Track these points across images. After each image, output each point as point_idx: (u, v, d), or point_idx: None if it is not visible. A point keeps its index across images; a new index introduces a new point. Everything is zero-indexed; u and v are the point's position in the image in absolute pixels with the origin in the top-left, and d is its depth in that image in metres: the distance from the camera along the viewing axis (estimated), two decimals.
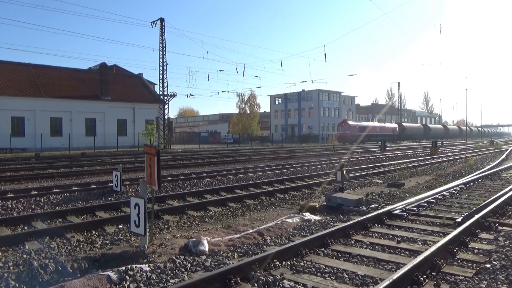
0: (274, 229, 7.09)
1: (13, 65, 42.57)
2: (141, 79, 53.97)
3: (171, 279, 4.68)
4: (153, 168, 6.21)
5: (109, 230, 7.38)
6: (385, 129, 67.18)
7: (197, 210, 9.21)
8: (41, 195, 10.46)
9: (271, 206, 9.84)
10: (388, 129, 68.34)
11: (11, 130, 37.28)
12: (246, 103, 78.00)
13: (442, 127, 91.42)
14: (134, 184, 12.33)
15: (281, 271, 4.81)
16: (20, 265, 5.46)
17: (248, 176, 15.25)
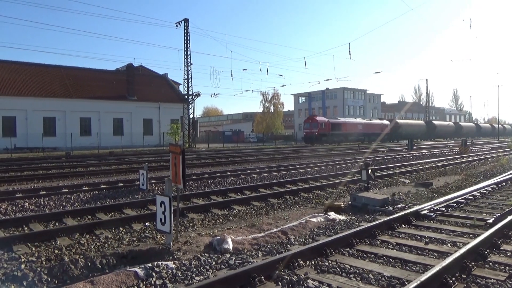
0: (298, 228, 7.06)
1: (45, 68, 44.13)
2: (166, 79, 54.83)
3: (196, 276, 4.73)
4: (178, 167, 6.29)
5: (136, 228, 7.55)
6: (371, 127, 56.33)
7: (221, 208, 9.28)
8: (72, 193, 10.80)
9: (295, 205, 9.80)
10: (375, 126, 57.26)
11: (43, 130, 38.67)
12: (270, 102, 77.89)
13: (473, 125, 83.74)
14: (160, 182, 12.54)
15: (305, 271, 4.78)
16: (52, 260, 5.65)
17: (272, 175, 15.24)
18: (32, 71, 42.43)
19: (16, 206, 9.22)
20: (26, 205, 9.32)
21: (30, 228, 7.58)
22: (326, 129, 48.35)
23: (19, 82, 40.06)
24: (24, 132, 37.91)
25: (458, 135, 69.78)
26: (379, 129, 55.88)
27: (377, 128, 56.38)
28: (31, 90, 39.76)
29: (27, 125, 38.55)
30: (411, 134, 59.57)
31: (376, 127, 56.95)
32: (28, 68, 42.53)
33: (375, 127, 56.52)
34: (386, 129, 56.27)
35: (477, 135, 73.90)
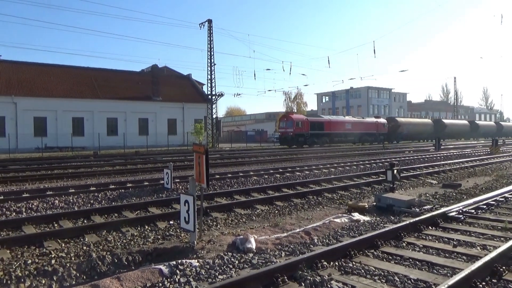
0: (322, 228, 7.00)
1: (74, 69, 45.48)
2: (190, 79, 55.47)
3: (219, 275, 4.77)
4: (202, 166, 6.36)
5: (160, 226, 7.68)
6: (364, 126, 48.85)
7: (244, 208, 9.32)
8: (99, 191, 11.08)
9: (318, 206, 9.73)
10: (369, 125, 49.94)
11: (72, 130, 39.86)
12: (293, 101, 77.63)
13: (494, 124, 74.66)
14: (184, 181, 12.70)
15: (329, 272, 4.74)
16: (80, 256, 5.82)
17: (295, 175, 15.18)
18: (62, 72, 43.82)
19: (47, 203, 9.55)
20: (56, 202, 9.64)
21: (60, 225, 7.83)
22: (304, 129, 41.49)
23: (50, 84, 41.46)
24: (54, 132, 39.20)
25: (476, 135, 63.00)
26: (373, 129, 49.96)
27: (371, 128, 49.88)
28: (61, 91, 41.07)
29: (57, 125, 39.84)
30: (414, 134, 54.96)
31: (370, 126, 50.02)
32: (58, 70, 43.96)
33: (368, 127, 49.70)
34: (382, 129, 50.77)
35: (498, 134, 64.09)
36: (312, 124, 42.56)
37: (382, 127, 51.04)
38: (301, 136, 41.13)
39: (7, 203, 9.34)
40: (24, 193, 10.91)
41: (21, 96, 38.15)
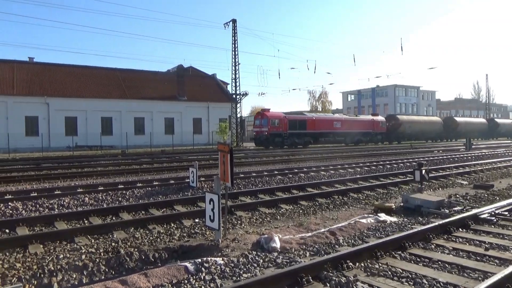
0: (347, 229, 6.91)
1: (103, 70, 46.75)
2: (215, 79, 55.94)
3: (243, 273, 4.79)
4: (227, 165, 6.40)
5: (186, 224, 7.78)
6: (356, 125, 43.53)
7: (268, 207, 9.32)
8: (127, 189, 11.34)
9: (343, 206, 9.61)
10: (362, 124, 44.41)
11: (101, 129, 40.99)
12: (318, 100, 77.05)
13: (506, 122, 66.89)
14: (209, 180, 12.83)
15: (354, 273, 4.67)
16: (109, 252, 5.98)
17: (320, 175, 15.05)
18: (91, 74, 45.11)
19: (78, 200, 9.85)
20: (86, 199, 9.94)
21: (89, 221, 8.07)
22: (281, 128, 37.13)
23: (80, 85, 42.76)
24: (84, 131, 40.42)
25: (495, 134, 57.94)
26: (368, 127, 44.82)
27: (365, 126, 44.68)
28: (91, 92, 42.30)
29: (87, 124, 41.06)
30: (419, 134, 49.83)
31: (364, 124, 44.72)
32: (87, 71, 45.29)
33: (362, 125, 44.47)
34: (379, 128, 45.79)
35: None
36: (291, 122, 38.11)
37: (379, 125, 45.98)
38: (278, 136, 36.82)
39: (40, 200, 9.70)
40: (56, 190, 11.30)
41: (53, 96, 39.54)
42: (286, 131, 37.34)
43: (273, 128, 36.75)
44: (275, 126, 36.92)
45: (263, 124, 37.07)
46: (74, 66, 45.70)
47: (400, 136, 48.13)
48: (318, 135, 40.17)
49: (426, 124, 52.00)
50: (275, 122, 37.09)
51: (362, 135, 43.86)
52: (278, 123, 37.19)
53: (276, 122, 37.14)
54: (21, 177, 14.69)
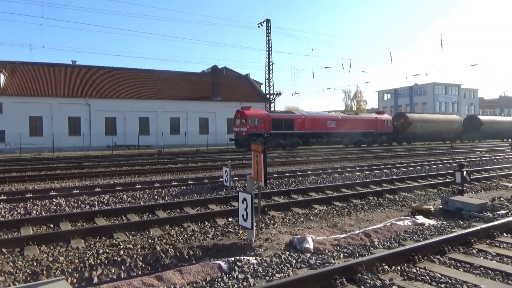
0: (383, 231, 6.74)
1: (140, 72, 48.24)
2: (248, 79, 56.26)
3: (276, 273, 4.79)
4: (260, 165, 6.42)
5: (220, 222, 7.88)
6: (356, 124, 38.62)
7: (302, 207, 9.26)
8: (163, 187, 11.63)
9: (379, 207, 9.39)
10: (363, 123, 39.50)
11: (138, 129, 42.30)
12: (352, 99, 75.58)
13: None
14: (242, 180, 12.91)
15: (390, 276, 4.55)
16: (146, 248, 6.16)
17: (354, 175, 14.78)
18: (129, 75, 46.67)
19: (116, 197, 10.22)
20: (124, 197, 10.28)
21: (127, 218, 8.35)
22: (263, 128, 32.99)
23: (119, 86, 44.35)
24: (123, 131, 41.86)
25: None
26: (370, 127, 39.91)
27: (367, 126, 39.66)
28: (129, 93, 43.75)
29: (125, 124, 42.52)
30: (434, 134, 44.54)
31: (365, 124, 39.69)
32: (125, 73, 46.92)
33: (363, 124, 39.43)
34: (384, 127, 40.88)
35: None
36: (275, 121, 33.83)
37: (383, 125, 40.92)
38: (258, 136, 32.31)
39: (82, 197, 10.14)
40: (97, 187, 11.77)
41: (94, 98, 41.25)
42: (268, 131, 33.21)
43: (253, 128, 32.52)
44: (255, 126, 32.70)
45: (242, 124, 33.07)
46: (113, 68, 47.47)
47: (409, 137, 43.27)
48: (308, 135, 35.75)
49: (442, 123, 46.26)
50: (255, 121, 32.94)
51: (363, 135, 39.02)
52: (258, 122, 33.07)
53: (256, 121, 32.98)
54: (64, 175, 15.42)
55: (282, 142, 33.79)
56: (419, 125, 42.98)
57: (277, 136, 33.60)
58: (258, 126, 32.84)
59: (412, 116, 44.26)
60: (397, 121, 43.07)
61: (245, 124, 32.44)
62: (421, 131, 43.05)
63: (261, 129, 32.90)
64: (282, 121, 34.35)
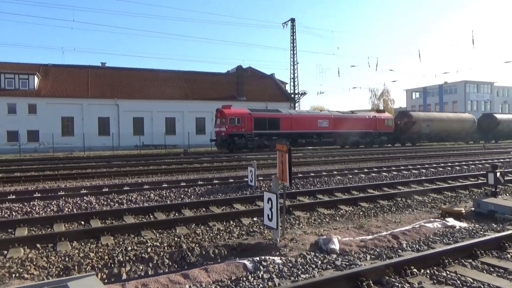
0: (411, 233, 6.58)
1: (166, 73, 49.08)
2: (273, 79, 56.22)
3: (302, 274, 4.76)
4: (285, 165, 6.40)
5: (245, 222, 7.91)
6: (351, 124, 35.98)
7: (327, 208, 9.17)
8: (189, 186, 11.78)
9: (407, 209, 9.17)
10: (360, 122, 36.98)
11: (165, 129, 43.08)
12: (379, 98, 74.10)
13: None
14: (267, 179, 12.91)
15: (419, 280, 4.44)
16: (172, 246, 6.25)
17: (381, 176, 14.50)
18: (156, 76, 47.57)
19: (144, 196, 10.44)
20: (151, 195, 10.49)
21: (155, 216, 8.51)
22: (244, 127, 30.88)
23: (146, 87, 45.29)
24: (150, 131, 42.74)
25: None
26: (368, 127, 37.30)
27: (364, 125, 37.03)
28: (156, 93, 44.62)
29: (152, 125, 43.40)
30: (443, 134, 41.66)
31: (362, 123, 37.02)
32: (152, 74, 47.87)
33: (359, 124, 36.70)
34: (384, 127, 38.21)
35: None
36: (257, 120, 31.55)
37: (383, 124, 38.14)
38: (239, 137, 30.60)
39: (111, 195, 10.41)
40: (125, 186, 12.06)
41: (122, 98, 42.32)
42: (250, 131, 31.06)
43: (233, 127, 30.53)
44: (234, 125, 30.64)
45: (222, 124, 31.06)
46: (141, 69, 48.57)
47: (414, 137, 40.54)
48: (296, 136, 33.12)
49: (452, 122, 42.89)
50: (235, 121, 30.74)
51: (360, 136, 36.49)
52: (239, 121, 30.87)
53: (236, 120, 30.81)
54: (95, 173, 15.88)
55: (266, 143, 31.42)
56: (424, 125, 40.40)
57: (260, 136, 31.53)
58: (238, 125, 30.83)
59: (417, 115, 41.66)
60: (400, 120, 40.78)
61: (224, 123, 30.62)
62: (427, 131, 40.50)
63: (241, 129, 30.90)
64: (265, 120, 32.26)
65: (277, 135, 32.13)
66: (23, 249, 6.27)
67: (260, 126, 31.49)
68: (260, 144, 31.40)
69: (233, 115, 30.93)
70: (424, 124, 40.37)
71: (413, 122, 39.81)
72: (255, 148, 31.09)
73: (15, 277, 5.09)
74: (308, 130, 33.87)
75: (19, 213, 8.71)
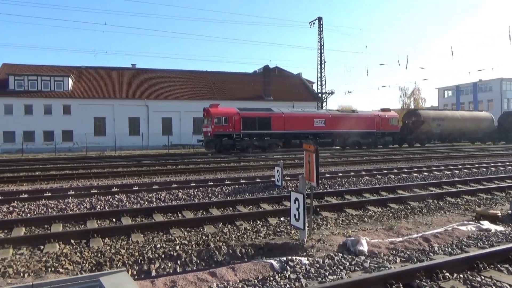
0: (443, 236, 6.38)
1: (194, 74, 49.82)
2: (300, 78, 55.91)
3: (329, 275, 4.71)
4: (312, 165, 6.35)
5: (271, 222, 7.90)
6: (351, 123, 33.79)
7: (355, 208, 9.04)
8: (216, 186, 11.89)
9: (439, 210, 8.90)
10: (362, 121, 34.75)
11: (193, 129, 43.69)
12: (409, 97, 72.36)
13: None
14: (294, 179, 12.85)
15: (451, 284, 4.30)
16: (200, 244, 6.34)
17: (412, 176, 14.13)
18: (184, 77, 48.37)
19: (172, 195, 10.62)
20: (180, 194, 10.66)
21: (183, 215, 8.65)
22: (231, 127, 29.36)
23: (174, 87, 46.11)
24: (178, 131, 43.49)
25: None
26: (369, 126, 34.89)
27: (365, 125, 34.71)
28: (184, 94, 45.34)
29: (180, 125, 44.14)
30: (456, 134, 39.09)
31: (364, 122, 34.78)
32: (181, 75, 48.71)
33: (360, 124, 34.44)
34: (387, 127, 35.71)
35: None
36: (246, 120, 29.83)
37: (387, 123, 35.69)
38: (227, 137, 29.18)
39: (141, 194, 10.66)
40: (154, 185, 12.32)
41: (152, 99, 43.26)
42: (238, 131, 29.50)
43: (219, 127, 29.01)
44: (221, 125, 29.07)
45: (209, 123, 29.61)
46: (169, 70, 49.52)
47: (422, 137, 37.88)
48: (290, 136, 31.41)
49: (466, 121, 40.01)
50: (221, 120, 29.15)
51: (361, 136, 34.23)
52: (226, 121, 29.23)
53: (222, 120, 29.19)
54: (125, 172, 16.31)
55: (256, 143, 30.28)
56: (434, 124, 37.82)
57: (250, 136, 30.02)
58: (225, 125, 29.29)
59: (426, 114, 39.05)
60: (408, 119, 38.61)
61: (210, 123, 29.23)
62: (437, 130, 37.99)
63: (229, 129, 29.39)
64: (255, 120, 30.41)
65: (268, 135, 30.83)
66: (58, 244, 6.52)
67: (249, 126, 29.95)
68: (249, 145, 30.03)
69: (220, 114, 29.47)
70: (434, 123, 38.06)
71: (422, 122, 37.56)
72: (244, 149, 29.68)
73: (51, 271, 5.30)
74: (303, 130, 32.06)
75: (55, 209, 9.06)
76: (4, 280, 5.01)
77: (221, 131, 29.02)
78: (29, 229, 7.58)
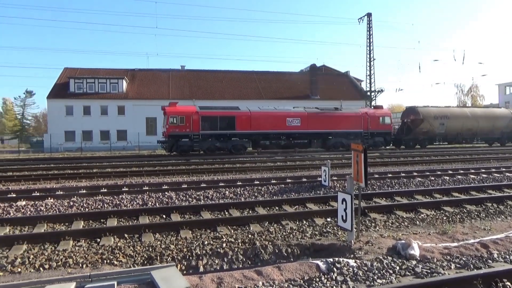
0: (504, 242, 5.96)
1: (241, 74, 50.43)
2: (348, 76, 54.72)
3: (378, 279, 4.57)
4: (360, 165, 6.19)
5: (318, 222, 7.81)
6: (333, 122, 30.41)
7: (406, 211, 8.70)
8: (262, 185, 11.96)
9: (499, 215, 8.32)
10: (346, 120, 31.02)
11: None
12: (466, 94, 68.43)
13: None
14: (341, 180, 12.61)
15: None
16: (246, 242, 6.40)
17: (468, 178, 13.33)
18: (231, 77, 49.11)
19: (219, 193, 10.82)
20: (226, 193, 10.84)
21: (229, 213, 8.79)
22: (188, 127, 27.06)
23: (222, 88, 46.97)
24: None
25: None
26: (356, 126, 31.14)
27: (350, 124, 30.94)
28: (231, 93, 46.02)
29: None
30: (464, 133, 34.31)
31: (348, 121, 31.07)
32: (228, 75, 49.53)
33: (344, 123, 30.75)
34: (377, 126, 31.62)
35: None
36: (206, 119, 27.57)
37: (377, 122, 31.64)
38: (183, 138, 27.02)
39: (190, 191, 10.97)
40: (202, 183, 12.63)
41: (200, 99, 44.31)
42: (197, 131, 27.21)
43: (174, 127, 26.80)
44: (177, 125, 26.84)
45: (164, 123, 27.59)
46: (217, 71, 50.48)
47: (420, 139, 33.65)
48: (258, 136, 28.85)
49: (478, 119, 34.81)
50: (177, 120, 26.91)
51: (345, 136, 30.42)
52: (181, 120, 26.94)
53: (178, 119, 26.93)
54: (175, 170, 16.87)
55: (218, 145, 27.89)
56: (436, 123, 33.43)
57: (211, 137, 27.71)
58: (182, 125, 27.03)
59: (426, 111, 33.96)
60: (406, 118, 34.63)
61: (166, 123, 27.35)
62: (441, 130, 33.58)
63: (185, 129, 27.08)
64: (217, 119, 27.98)
65: (233, 136, 28.44)
66: (113, 238, 6.88)
67: (210, 125, 27.73)
68: (210, 146, 27.75)
69: (175, 113, 27.17)
70: (437, 122, 33.57)
71: (421, 120, 33.29)
72: (205, 150, 27.64)
73: (106, 263, 5.61)
74: (273, 130, 29.24)
75: (110, 205, 9.57)
76: (65, 269, 5.37)
77: (177, 131, 27.01)
78: (87, 223, 8.07)
